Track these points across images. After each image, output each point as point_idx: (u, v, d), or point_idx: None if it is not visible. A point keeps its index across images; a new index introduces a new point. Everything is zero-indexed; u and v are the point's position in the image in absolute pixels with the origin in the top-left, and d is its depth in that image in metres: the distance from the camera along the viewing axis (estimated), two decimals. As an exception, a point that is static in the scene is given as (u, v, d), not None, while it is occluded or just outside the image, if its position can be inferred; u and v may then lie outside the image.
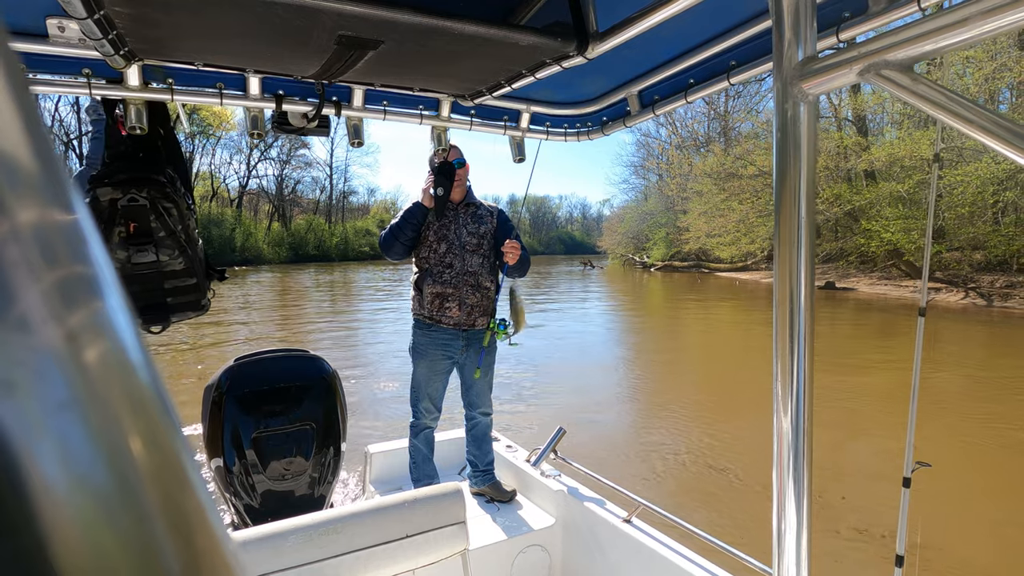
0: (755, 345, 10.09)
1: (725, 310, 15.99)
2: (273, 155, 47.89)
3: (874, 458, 4.76)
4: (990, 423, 5.64)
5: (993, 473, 4.55)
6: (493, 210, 2.66)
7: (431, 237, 2.50)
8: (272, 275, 29.37)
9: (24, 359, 0.12)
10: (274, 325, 12.31)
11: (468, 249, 2.50)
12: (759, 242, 24.33)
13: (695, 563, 1.83)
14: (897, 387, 6.81)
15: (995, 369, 8.11)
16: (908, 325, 12.22)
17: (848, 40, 1.05)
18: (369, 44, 1.13)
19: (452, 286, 2.47)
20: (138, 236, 1.71)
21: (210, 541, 0.15)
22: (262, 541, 1.25)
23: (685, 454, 4.90)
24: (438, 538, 1.43)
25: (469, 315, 2.49)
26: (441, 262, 2.48)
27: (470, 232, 2.53)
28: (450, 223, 2.52)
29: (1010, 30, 0.65)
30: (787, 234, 0.91)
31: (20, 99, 0.13)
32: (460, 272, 2.48)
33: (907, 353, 8.96)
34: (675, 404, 6.45)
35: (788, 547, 0.96)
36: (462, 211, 2.56)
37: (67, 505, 0.12)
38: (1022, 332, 11.04)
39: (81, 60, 1.32)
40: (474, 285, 2.50)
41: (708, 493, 4.17)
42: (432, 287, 2.47)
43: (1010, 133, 0.65)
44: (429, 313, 2.49)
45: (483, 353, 2.57)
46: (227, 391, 2.19)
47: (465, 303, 2.48)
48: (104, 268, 0.14)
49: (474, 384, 2.59)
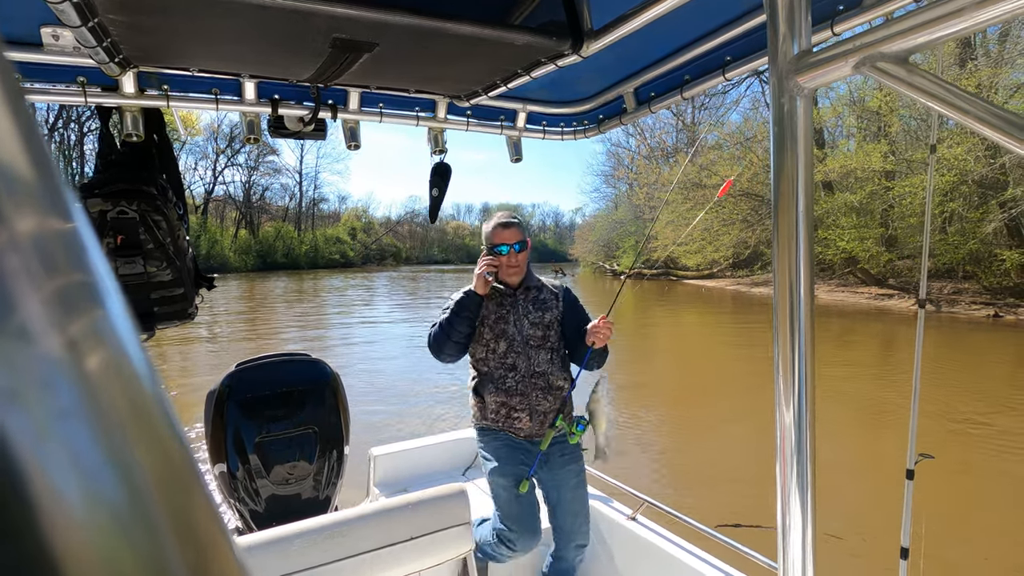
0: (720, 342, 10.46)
1: (692, 314, 16.48)
2: (240, 161, 47.03)
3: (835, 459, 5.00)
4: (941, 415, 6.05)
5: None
6: (558, 290, 2.17)
7: (486, 334, 2.06)
8: (239, 283, 28.55)
9: (26, 368, 0.12)
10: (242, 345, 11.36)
11: (532, 344, 2.05)
12: (723, 250, 25.05)
13: (701, 559, 1.82)
14: (860, 389, 7.22)
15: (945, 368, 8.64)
16: (865, 330, 12.86)
17: (843, 33, 1.05)
18: (364, 46, 1.13)
19: (519, 393, 2.02)
20: (126, 248, 1.70)
21: (217, 547, 0.15)
22: (267, 546, 1.24)
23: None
24: (443, 539, 1.42)
25: (542, 425, 2.04)
26: (502, 364, 2.04)
27: (532, 323, 2.06)
28: (508, 314, 2.06)
29: (1005, 19, 0.64)
30: (786, 228, 0.90)
31: (16, 108, 0.13)
32: (526, 375, 2.03)
33: (867, 357, 9.44)
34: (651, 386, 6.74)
35: (793, 542, 0.95)
36: (521, 297, 2.10)
37: (72, 513, 0.12)
38: (967, 335, 11.77)
39: (76, 68, 1.32)
40: (545, 388, 2.03)
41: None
42: (495, 395, 2.03)
43: (1006, 123, 0.64)
44: (494, 422, 2.07)
45: (570, 460, 2.05)
46: (229, 396, 2.18)
47: (537, 411, 2.03)
48: (104, 275, 0.15)
49: (562, 501, 2.04)
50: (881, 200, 18.19)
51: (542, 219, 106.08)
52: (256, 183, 49.84)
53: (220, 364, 7.71)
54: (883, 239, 18.70)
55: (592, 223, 47.39)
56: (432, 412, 6.19)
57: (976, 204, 16.10)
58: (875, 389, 7.28)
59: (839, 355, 9.43)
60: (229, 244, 42.50)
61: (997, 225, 15.43)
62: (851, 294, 19.21)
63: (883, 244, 18.69)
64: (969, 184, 15.57)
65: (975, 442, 5.29)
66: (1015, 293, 14.82)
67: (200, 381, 7.39)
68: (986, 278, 15.57)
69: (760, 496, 3.99)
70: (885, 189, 17.88)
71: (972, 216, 15.97)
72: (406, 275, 40.77)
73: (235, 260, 40.94)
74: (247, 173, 48.68)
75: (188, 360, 9.20)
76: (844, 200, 18.80)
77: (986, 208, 15.76)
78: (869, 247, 18.15)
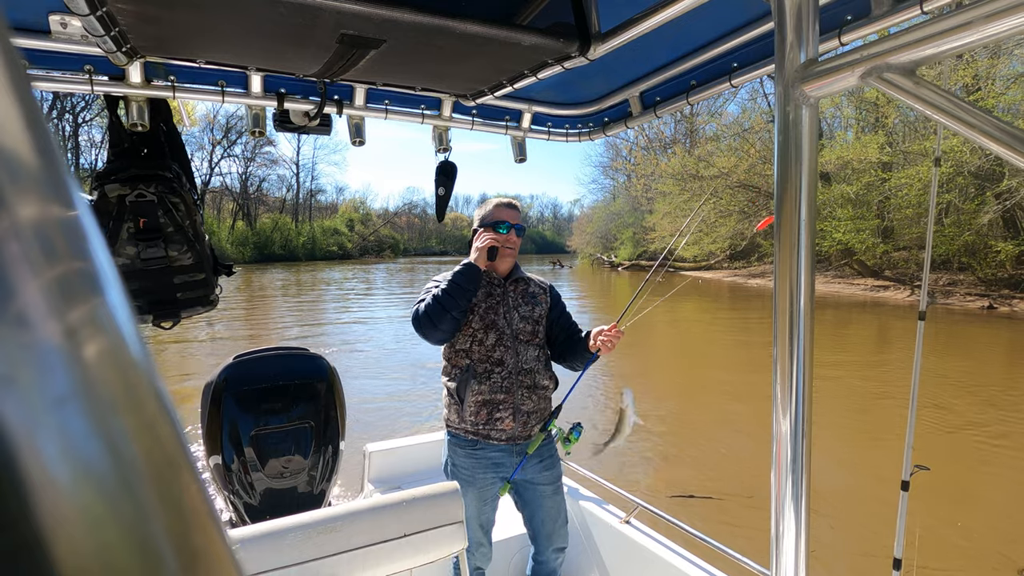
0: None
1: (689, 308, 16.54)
2: (237, 152, 46.66)
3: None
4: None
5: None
6: (544, 286, 2.07)
7: (475, 323, 1.90)
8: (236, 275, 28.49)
9: (23, 354, 0.12)
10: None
11: (522, 340, 1.92)
12: (720, 242, 25.07)
13: (693, 564, 1.82)
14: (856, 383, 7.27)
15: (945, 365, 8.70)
16: (860, 321, 12.93)
17: (850, 43, 1.05)
18: (371, 43, 1.13)
19: (503, 390, 1.87)
20: (147, 232, 1.70)
21: (209, 538, 0.15)
22: (260, 539, 1.24)
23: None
24: (436, 537, 1.42)
25: (525, 425, 1.91)
26: (488, 358, 1.88)
27: (523, 316, 1.94)
28: (498, 305, 1.92)
29: (1013, 33, 0.64)
30: (788, 235, 0.90)
31: (22, 95, 0.13)
32: (514, 371, 1.89)
33: (861, 349, 9.50)
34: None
35: (786, 549, 0.95)
36: (511, 288, 1.97)
37: (66, 499, 0.12)
38: (961, 328, 11.83)
39: (83, 57, 1.31)
40: (530, 386, 1.91)
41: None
42: (478, 393, 1.87)
43: (1011, 137, 0.65)
44: (474, 427, 1.89)
45: (548, 465, 1.97)
46: (226, 388, 2.18)
47: (520, 411, 1.89)
48: (104, 264, 0.15)
49: (541, 507, 1.96)
50: (878, 191, 18.21)
51: (540, 210, 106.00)
52: (253, 174, 49.58)
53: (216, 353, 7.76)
54: (879, 230, 18.74)
55: (590, 215, 47.31)
56: (431, 411, 6.24)
57: (972, 195, 16.14)
58: (870, 385, 7.32)
59: (835, 348, 9.48)
60: (226, 236, 42.30)
61: (992, 216, 15.48)
62: (847, 285, 19.28)
63: (879, 235, 18.74)
64: (965, 176, 15.60)
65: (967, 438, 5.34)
66: (1010, 284, 14.89)
67: (196, 374, 7.42)
68: (981, 269, 15.64)
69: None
70: (881, 180, 17.89)
71: (968, 207, 16.02)
72: (404, 266, 40.70)
73: (232, 252, 40.76)
74: (244, 164, 48.39)
75: (184, 353, 9.21)
76: (841, 191, 18.81)
77: (981, 199, 15.80)
78: (865, 238, 18.20)
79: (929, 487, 3.78)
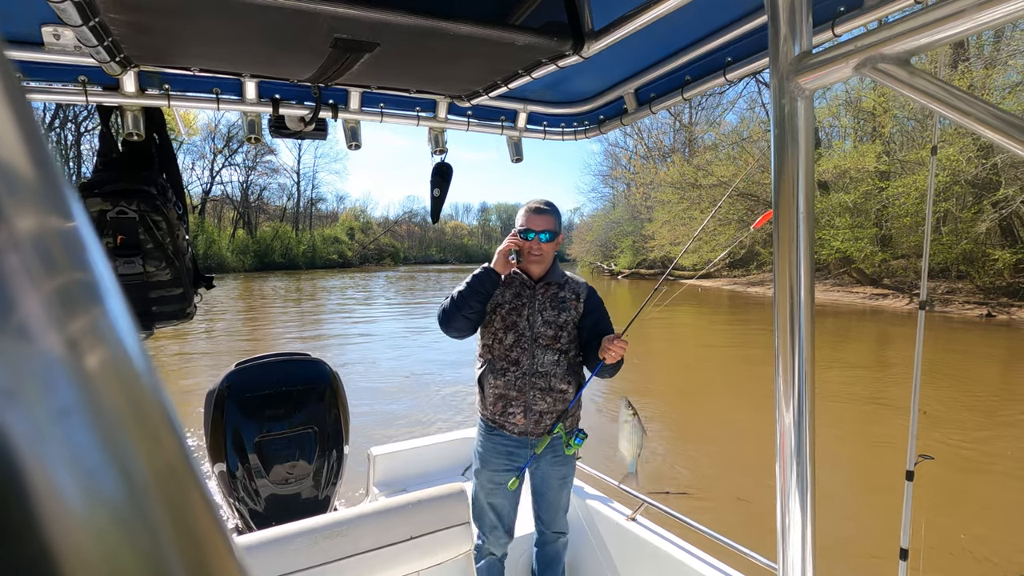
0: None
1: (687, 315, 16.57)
2: (238, 161, 46.76)
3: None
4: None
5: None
6: (580, 290, 2.07)
7: (497, 322, 2.00)
8: (237, 283, 28.55)
9: (26, 367, 0.12)
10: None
11: (541, 344, 1.98)
12: (719, 250, 25.13)
13: (700, 559, 1.81)
14: (851, 386, 7.29)
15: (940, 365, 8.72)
16: (860, 329, 12.95)
17: (844, 34, 1.04)
18: (365, 46, 1.13)
19: (516, 388, 1.97)
20: (125, 248, 1.70)
21: (215, 546, 0.15)
22: (267, 545, 1.23)
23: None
24: (443, 539, 1.41)
25: (537, 423, 1.99)
26: (506, 357, 1.98)
27: (546, 321, 1.99)
28: (523, 307, 1.99)
29: (1006, 21, 0.64)
30: (786, 229, 0.90)
31: (17, 107, 0.13)
32: (528, 372, 1.97)
33: (859, 355, 9.51)
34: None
35: (793, 542, 0.95)
36: (540, 291, 2.01)
37: (71, 512, 0.12)
38: (961, 335, 11.85)
39: (77, 67, 1.31)
40: (545, 388, 1.98)
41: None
42: (494, 387, 1.99)
43: (1007, 125, 0.64)
44: (492, 415, 2.03)
45: (561, 462, 2.06)
46: (229, 396, 2.19)
47: (532, 409, 1.98)
48: (104, 274, 0.15)
49: (544, 497, 2.09)
50: (875, 200, 18.28)
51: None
52: (254, 183, 49.61)
53: (218, 364, 7.76)
54: (877, 239, 18.79)
55: (590, 223, 47.38)
56: (430, 413, 6.24)
57: (969, 204, 16.20)
58: (874, 390, 7.34)
59: (834, 355, 9.50)
60: (227, 244, 42.24)
61: (990, 225, 15.53)
62: (846, 294, 19.30)
63: (878, 244, 18.79)
64: (962, 184, 15.68)
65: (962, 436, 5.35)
66: (1008, 293, 14.92)
67: (198, 381, 7.43)
68: (979, 278, 15.67)
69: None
70: (879, 189, 17.98)
71: (965, 216, 16.07)
72: (404, 275, 40.72)
73: (233, 260, 40.68)
74: (245, 173, 48.46)
75: (186, 361, 9.21)
76: (839, 200, 18.89)
77: (979, 208, 15.86)
78: (864, 247, 18.25)
79: (929, 487, 3.80)
